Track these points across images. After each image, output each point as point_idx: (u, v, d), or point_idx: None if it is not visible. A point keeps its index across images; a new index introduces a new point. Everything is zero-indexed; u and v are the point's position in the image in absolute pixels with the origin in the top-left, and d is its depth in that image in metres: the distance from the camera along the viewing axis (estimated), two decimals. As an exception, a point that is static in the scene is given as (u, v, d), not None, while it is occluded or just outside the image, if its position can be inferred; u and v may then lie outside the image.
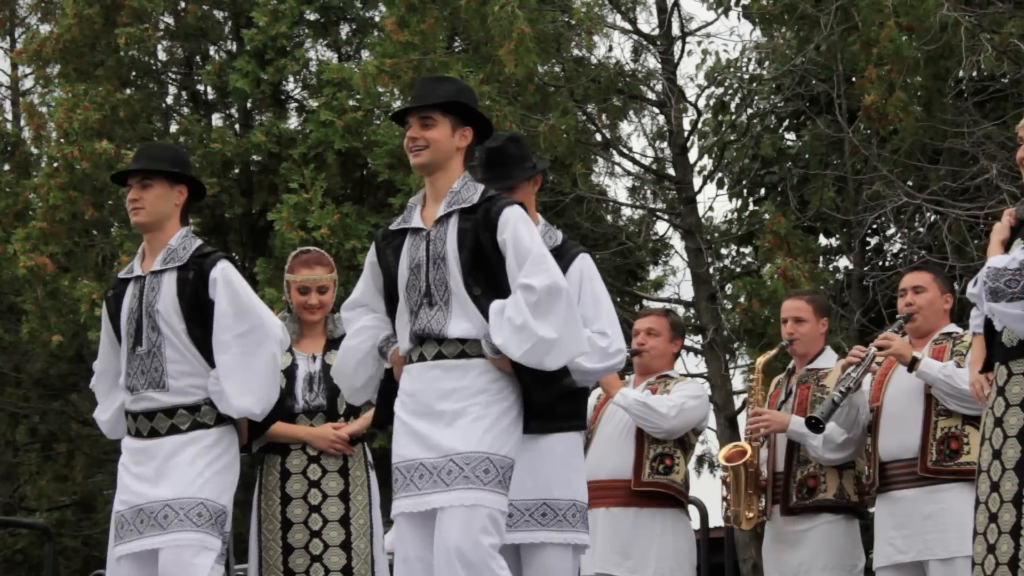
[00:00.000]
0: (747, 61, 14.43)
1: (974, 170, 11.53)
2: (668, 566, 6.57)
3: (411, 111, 4.89)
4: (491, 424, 4.68)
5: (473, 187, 4.87)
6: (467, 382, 4.73)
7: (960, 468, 5.93)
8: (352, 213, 15.26)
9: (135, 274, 5.34)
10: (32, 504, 18.49)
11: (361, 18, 17.78)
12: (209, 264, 5.23)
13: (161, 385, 5.21)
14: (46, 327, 15.19)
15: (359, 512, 6.10)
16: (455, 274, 4.78)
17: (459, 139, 4.89)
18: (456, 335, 4.76)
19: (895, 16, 11.10)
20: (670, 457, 6.60)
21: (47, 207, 15.41)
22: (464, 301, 4.76)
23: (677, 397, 6.57)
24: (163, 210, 5.31)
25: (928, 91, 11.89)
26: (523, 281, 4.67)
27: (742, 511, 6.45)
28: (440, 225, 4.84)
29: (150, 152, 5.42)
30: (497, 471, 4.65)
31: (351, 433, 6.13)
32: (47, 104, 17.15)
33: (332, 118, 15.39)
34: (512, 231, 4.74)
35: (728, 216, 15.75)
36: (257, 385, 5.18)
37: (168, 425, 5.20)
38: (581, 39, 14.49)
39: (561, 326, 4.64)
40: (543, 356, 4.65)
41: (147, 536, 5.14)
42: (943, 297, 6.28)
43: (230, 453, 5.26)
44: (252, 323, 5.20)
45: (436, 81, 5.06)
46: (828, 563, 6.35)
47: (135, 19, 16.11)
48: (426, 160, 4.87)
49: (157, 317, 5.21)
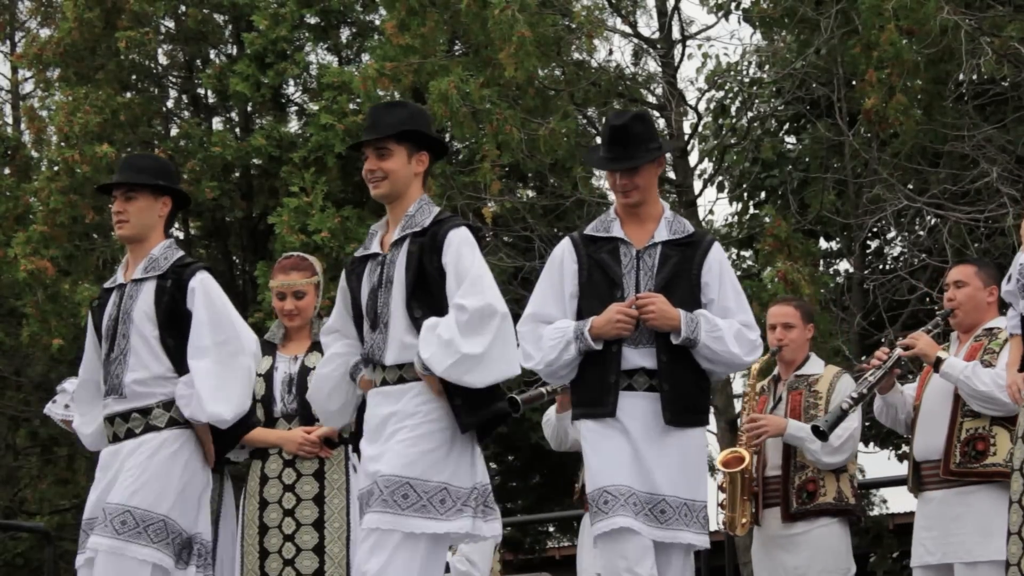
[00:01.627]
0: (747, 65, 14.43)
1: (974, 173, 11.53)
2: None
3: (367, 144, 4.95)
4: (419, 450, 4.72)
5: (428, 210, 4.92)
6: (400, 405, 4.80)
7: (986, 470, 5.89)
8: (352, 217, 15.25)
9: (118, 283, 5.38)
10: (32, 508, 18.47)
11: (361, 22, 17.78)
12: (188, 274, 5.26)
13: (120, 392, 5.23)
14: (46, 331, 15.18)
15: (335, 515, 6.09)
16: (397, 297, 4.83)
17: (416, 165, 4.95)
18: (392, 362, 4.83)
19: (895, 20, 11.09)
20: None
21: (47, 211, 15.41)
22: (401, 325, 4.80)
23: None
24: (147, 222, 5.35)
25: (928, 94, 11.88)
26: (457, 301, 4.71)
27: (737, 517, 6.44)
28: (394, 249, 4.91)
29: (134, 164, 5.43)
30: (418, 496, 4.67)
31: (322, 435, 6.11)
32: (47, 108, 17.14)
33: (332, 122, 15.39)
34: (455, 253, 4.79)
35: (728, 219, 15.74)
36: (230, 392, 5.16)
37: (125, 429, 5.23)
38: (581, 43, 14.48)
39: (489, 345, 4.65)
40: (465, 373, 4.66)
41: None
42: (987, 290, 6.14)
43: (179, 458, 5.19)
44: (228, 334, 5.21)
45: (387, 108, 5.10)
46: (826, 566, 6.34)
47: (135, 23, 16.11)
48: (385, 191, 4.93)
49: (130, 324, 5.23)
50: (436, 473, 4.72)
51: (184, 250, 5.47)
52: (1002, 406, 5.82)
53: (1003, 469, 5.85)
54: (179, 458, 5.19)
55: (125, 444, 5.20)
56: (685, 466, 5.15)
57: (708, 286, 5.24)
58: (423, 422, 4.75)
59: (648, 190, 5.30)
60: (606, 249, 5.28)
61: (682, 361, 5.17)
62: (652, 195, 5.32)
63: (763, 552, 6.49)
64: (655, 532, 5.04)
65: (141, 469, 5.12)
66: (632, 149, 5.23)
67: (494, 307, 4.69)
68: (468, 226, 4.89)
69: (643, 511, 5.04)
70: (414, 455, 4.71)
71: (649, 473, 5.07)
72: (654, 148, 5.26)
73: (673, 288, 5.20)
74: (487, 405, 4.77)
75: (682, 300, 5.17)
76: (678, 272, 5.23)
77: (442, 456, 4.75)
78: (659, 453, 5.10)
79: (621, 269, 5.24)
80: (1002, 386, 5.69)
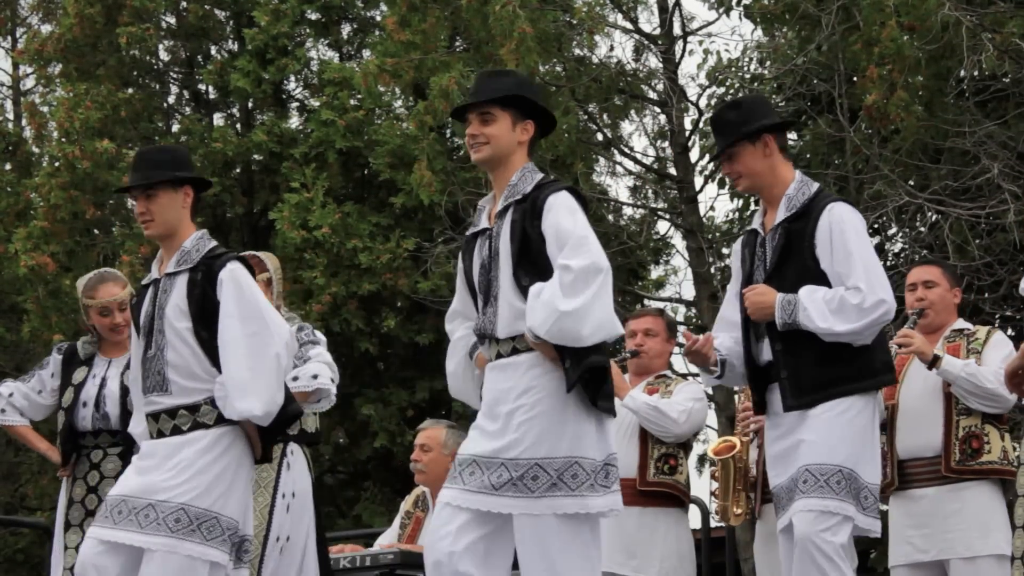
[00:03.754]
0: (748, 61, 14.43)
1: (975, 169, 11.52)
2: (671, 564, 6.58)
3: (470, 107, 4.83)
4: (540, 428, 4.59)
5: (530, 177, 4.81)
6: (514, 381, 4.66)
7: (983, 467, 5.89)
8: (353, 212, 15.27)
9: (153, 278, 5.26)
10: (33, 503, 18.47)
11: (362, 17, 17.79)
12: (219, 265, 5.11)
13: (164, 388, 5.09)
14: (47, 326, 15.19)
15: (256, 513, 6.03)
16: (505, 268, 4.72)
17: (520, 133, 4.83)
18: (505, 335, 4.70)
19: (896, 16, 11.09)
20: (674, 457, 6.62)
21: (48, 206, 15.41)
22: (511, 296, 4.69)
23: (684, 400, 6.58)
24: (172, 216, 5.19)
25: (929, 91, 11.87)
26: (562, 262, 4.57)
27: (730, 506, 6.44)
28: (500, 220, 4.80)
29: (148, 160, 5.28)
30: (549, 475, 4.56)
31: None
32: (48, 104, 17.14)
33: (333, 117, 15.40)
34: (554, 217, 4.66)
35: (729, 216, 15.73)
36: (260, 387, 5.00)
37: (171, 426, 5.07)
38: (582, 38, 14.49)
39: (589, 300, 4.51)
40: (566, 331, 4.51)
41: (121, 528, 4.97)
42: (952, 291, 6.21)
43: (230, 455, 5.06)
44: (258, 325, 5.04)
45: (494, 75, 4.98)
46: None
47: (136, 18, 16.11)
48: (486, 156, 4.82)
49: (164, 319, 5.11)
50: (566, 449, 4.58)
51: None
52: (1004, 403, 5.84)
53: (999, 467, 5.90)
54: (230, 455, 5.06)
55: (171, 439, 5.05)
56: (828, 437, 4.96)
57: (822, 256, 5.08)
58: (542, 397, 4.62)
59: (758, 174, 5.19)
60: (750, 243, 5.30)
61: (803, 343, 5.04)
62: (768, 178, 5.20)
63: (764, 547, 6.49)
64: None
65: (193, 466, 4.98)
66: (727, 137, 5.19)
67: (598, 265, 4.56)
68: (569, 189, 4.78)
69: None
70: (540, 437, 4.58)
71: (790, 465, 5.04)
72: (745, 132, 5.16)
73: (785, 270, 5.11)
74: (586, 358, 4.60)
75: (798, 277, 5.06)
76: (790, 250, 5.13)
77: (568, 429, 4.61)
78: (796, 441, 5.04)
79: (754, 262, 5.25)
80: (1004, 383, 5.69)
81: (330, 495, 17.84)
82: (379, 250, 14.91)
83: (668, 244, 17.29)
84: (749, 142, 5.16)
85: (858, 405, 5.01)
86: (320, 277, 14.48)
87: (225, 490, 5.03)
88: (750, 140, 5.16)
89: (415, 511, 7.13)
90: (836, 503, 4.89)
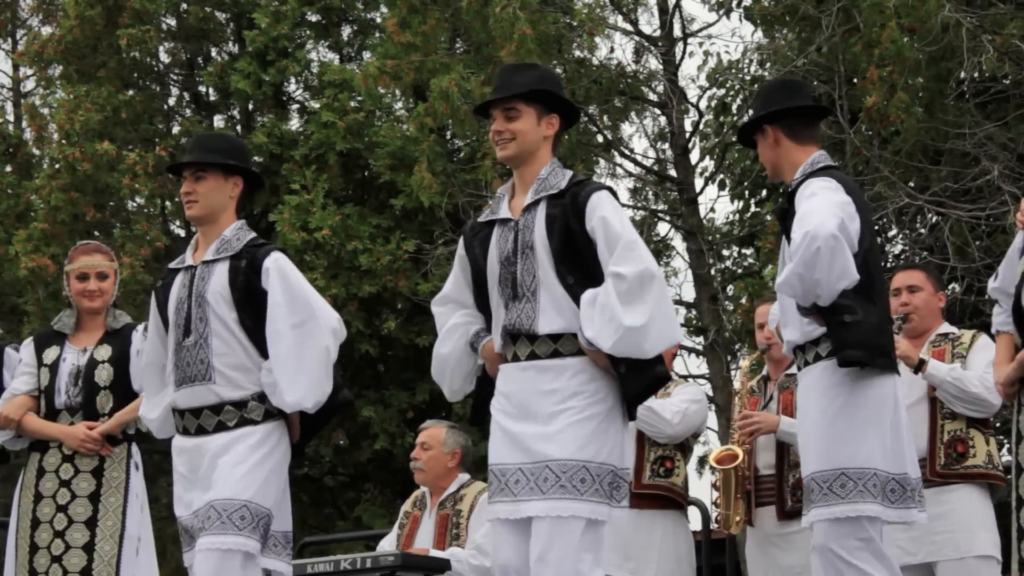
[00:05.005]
0: (748, 62, 14.43)
1: (975, 171, 11.53)
2: (669, 567, 6.58)
3: (494, 103, 4.76)
4: (589, 431, 4.53)
5: (561, 173, 4.73)
6: (561, 383, 4.58)
7: (967, 471, 5.92)
8: (354, 214, 15.27)
9: (186, 264, 5.15)
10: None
11: (363, 19, 17.79)
12: (263, 254, 5.03)
13: (208, 377, 4.97)
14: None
15: (109, 514, 6.07)
16: (544, 263, 4.63)
17: (545, 127, 4.77)
18: (547, 331, 4.61)
19: (896, 17, 11.09)
20: (670, 460, 6.61)
21: (48, 208, 15.42)
22: (554, 292, 4.61)
23: (680, 402, 6.57)
24: (217, 202, 5.12)
25: (929, 92, 11.88)
26: (613, 269, 4.52)
27: (731, 515, 6.44)
28: (528, 213, 4.70)
29: (204, 143, 5.22)
30: (593, 479, 4.51)
31: (104, 432, 6.11)
32: (49, 105, 17.14)
33: (334, 119, 15.40)
34: (601, 216, 4.58)
35: (730, 217, 15.75)
36: (309, 378, 4.91)
37: (215, 422, 4.98)
38: (582, 40, 14.49)
39: (651, 312, 4.48)
40: (632, 346, 4.48)
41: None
42: (937, 296, 6.23)
43: (278, 452, 5.00)
44: (305, 314, 4.95)
45: (517, 69, 4.90)
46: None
47: (137, 20, 16.12)
48: (513, 153, 4.75)
49: (206, 307, 4.99)
50: (608, 455, 4.54)
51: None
52: (989, 407, 5.87)
53: (984, 470, 5.93)
54: (279, 451, 5.00)
55: (215, 438, 4.97)
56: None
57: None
58: (591, 403, 4.56)
59: (770, 164, 5.13)
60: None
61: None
62: (783, 166, 5.11)
63: (758, 551, 6.48)
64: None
65: (252, 463, 4.91)
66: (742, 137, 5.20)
67: (651, 271, 4.54)
68: (608, 188, 4.72)
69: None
70: (591, 438, 4.52)
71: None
72: (749, 124, 5.14)
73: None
74: (650, 369, 4.56)
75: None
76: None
77: (611, 436, 4.58)
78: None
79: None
80: (990, 387, 5.71)
81: (330, 497, 17.85)
82: (379, 252, 14.91)
83: (668, 246, 17.30)
84: (760, 133, 5.13)
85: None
86: (320, 279, 14.48)
87: (274, 488, 4.97)
88: (758, 131, 5.13)
89: (413, 510, 7.13)
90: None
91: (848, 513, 4.79)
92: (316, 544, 10.32)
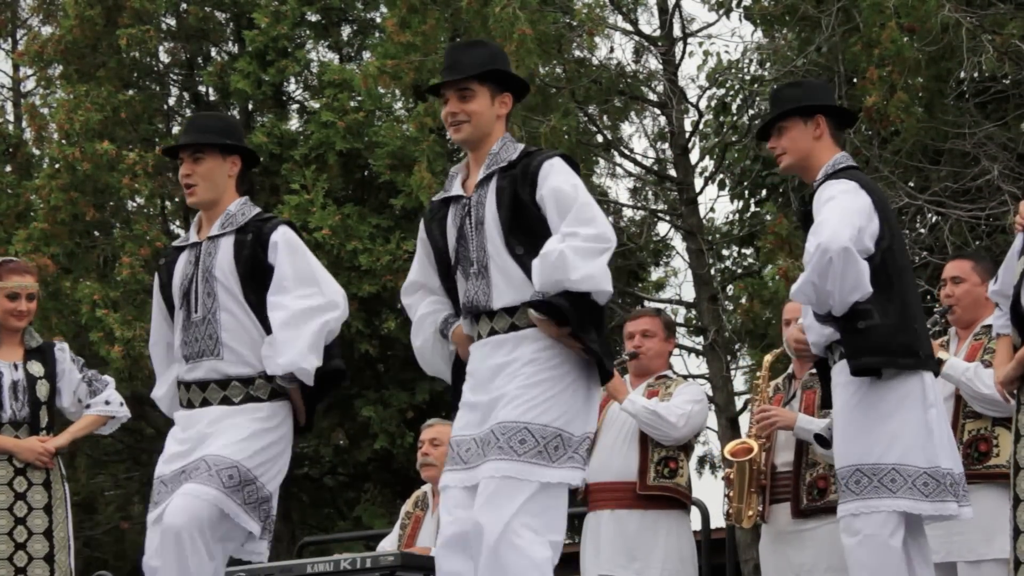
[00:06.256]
0: (748, 62, 14.44)
1: (975, 171, 11.53)
2: (673, 567, 6.57)
3: (447, 84, 4.68)
4: (534, 394, 4.45)
5: (513, 147, 4.68)
6: (517, 354, 4.52)
7: (989, 471, 5.86)
8: (353, 214, 15.27)
9: (191, 241, 5.10)
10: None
11: (362, 19, 17.79)
12: (270, 228, 4.98)
13: (216, 353, 4.92)
14: (47, 328, 15.17)
15: (60, 525, 6.22)
16: (494, 237, 4.57)
17: (499, 106, 4.71)
18: (500, 305, 4.55)
19: (896, 17, 11.09)
20: (674, 460, 6.61)
21: (48, 208, 15.42)
22: (505, 265, 4.55)
23: (683, 403, 6.56)
24: (217, 183, 5.05)
25: (929, 92, 11.88)
26: (566, 229, 4.43)
27: (744, 509, 6.42)
28: (480, 189, 4.65)
29: (199, 124, 5.17)
30: (537, 442, 4.40)
31: (58, 446, 6.27)
32: (48, 105, 17.14)
33: (333, 119, 15.41)
34: (552, 186, 4.51)
35: (729, 217, 15.76)
36: (304, 345, 4.84)
37: (220, 396, 4.93)
38: (582, 40, 14.49)
39: (591, 258, 4.38)
40: (559, 272, 4.36)
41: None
42: (984, 285, 5.99)
43: (280, 431, 4.94)
44: (311, 289, 4.91)
45: (467, 47, 4.82)
46: (831, 563, 6.29)
47: (137, 20, 16.11)
48: (467, 135, 4.69)
49: (214, 282, 4.94)
50: (558, 419, 4.45)
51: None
52: (1005, 407, 5.80)
53: (1006, 470, 5.84)
54: (281, 430, 4.95)
55: (218, 407, 4.91)
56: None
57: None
58: (543, 368, 4.49)
59: (801, 153, 5.10)
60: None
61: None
62: (809, 159, 5.10)
63: (771, 548, 6.46)
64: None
65: (252, 431, 4.85)
66: (781, 106, 5.15)
67: (606, 235, 4.45)
68: (562, 155, 4.64)
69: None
70: (537, 402, 4.44)
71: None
72: (800, 107, 5.09)
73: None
74: (585, 299, 4.43)
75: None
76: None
77: (566, 401, 4.49)
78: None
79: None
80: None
81: (330, 497, 17.86)
82: (379, 252, 14.92)
83: (668, 246, 17.32)
84: (801, 119, 5.11)
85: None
86: (320, 278, 14.47)
87: (273, 466, 4.93)
88: (803, 117, 5.11)
89: (415, 511, 7.13)
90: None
91: (862, 509, 4.85)
92: (316, 544, 10.33)
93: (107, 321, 14.69)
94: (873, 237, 4.86)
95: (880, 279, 4.81)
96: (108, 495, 19.66)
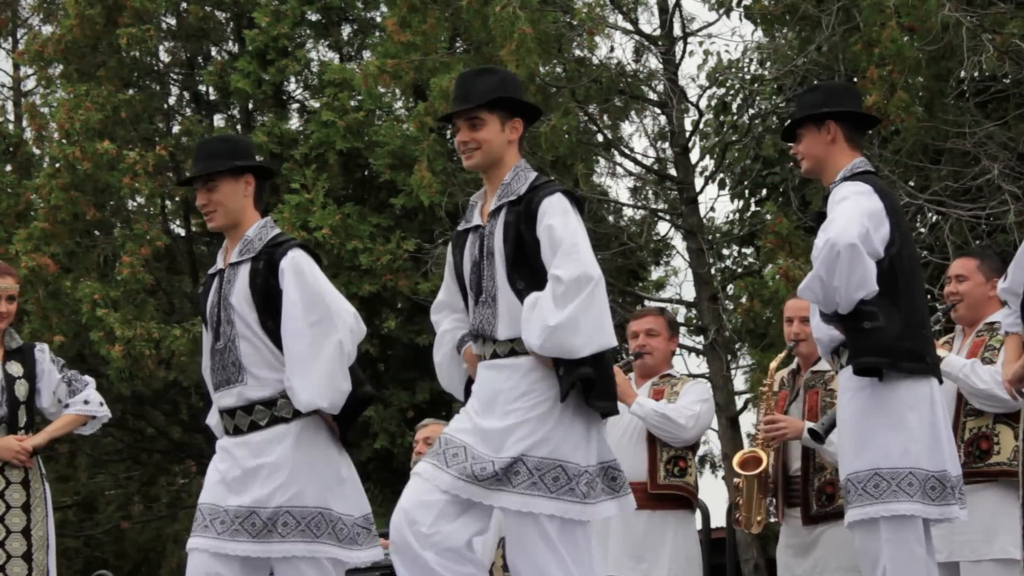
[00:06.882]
0: (749, 62, 14.44)
1: (976, 170, 11.52)
2: (680, 566, 6.59)
3: (458, 113, 4.79)
4: (530, 428, 4.59)
5: (524, 177, 4.78)
6: (514, 382, 4.65)
7: (991, 469, 5.85)
8: (354, 213, 15.27)
9: (218, 268, 5.19)
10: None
11: (362, 19, 17.79)
12: (280, 253, 5.02)
13: (240, 379, 4.99)
14: (48, 327, 15.18)
15: (39, 524, 6.27)
16: (500, 269, 4.70)
17: (510, 132, 4.81)
18: (504, 336, 4.69)
19: (897, 17, 11.09)
20: (683, 459, 6.63)
21: (49, 207, 15.41)
22: (508, 298, 4.68)
23: (691, 404, 6.58)
24: (235, 207, 5.11)
25: (930, 91, 11.88)
26: (553, 272, 4.57)
27: (753, 516, 6.42)
28: (493, 219, 4.77)
29: (206, 150, 5.20)
30: (531, 473, 4.55)
31: (37, 445, 6.33)
32: (49, 105, 17.13)
33: (334, 118, 15.40)
34: (547, 224, 4.63)
35: (730, 216, 15.75)
36: (322, 377, 4.91)
37: (248, 422, 4.99)
38: (582, 39, 14.49)
39: (576, 311, 4.49)
40: (564, 343, 4.51)
41: (236, 540, 4.90)
42: (989, 283, 6.04)
43: (316, 447, 4.99)
44: (320, 313, 4.95)
45: (477, 75, 4.91)
46: (841, 564, 6.29)
47: (137, 20, 16.11)
48: (478, 162, 4.81)
49: (231, 310, 5.02)
50: (553, 451, 4.58)
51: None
52: (1003, 403, 5.79)
53: (1008, 468, 5.84)
54: (316, 446, 4.99)
55: (250, 438, 4.98)
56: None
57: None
58: (539, 401, 4.61)
59: (817, 158, 5.18)
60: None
61: None
62: (825, 164, 5.16)
63: (785, 550, 6.47)
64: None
65: (286, 465, 4.91)
66: (798, 112, 5.22)
67: (589, 274, 4.54)
68: (564, 192, 4.73)
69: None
70: (535, 435, 4.58)
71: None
72: (812, 114, 5.17)
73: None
74: (577, 370, 4.57)
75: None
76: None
77: (556, 433, 4.61)
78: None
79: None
80: (1001, 383, 5.67)
81: (330, 496, 17.84)
82: (379, 251, 14.92)
83: (668, 245, 17.31)
84: (814, 125, 5.18)
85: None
86: (321, 278, 14.47)
87: (321, 481, 4.97)
88: (815, 123, 5.18)
89: (414, 511, 7.12)
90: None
91: (870, 514, 4.90)
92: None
93: (107, 320, 14.69)
94: (883, 241, 4.93)
95: (887, 284, 4.87)
96: (108, 495, 19.66)
